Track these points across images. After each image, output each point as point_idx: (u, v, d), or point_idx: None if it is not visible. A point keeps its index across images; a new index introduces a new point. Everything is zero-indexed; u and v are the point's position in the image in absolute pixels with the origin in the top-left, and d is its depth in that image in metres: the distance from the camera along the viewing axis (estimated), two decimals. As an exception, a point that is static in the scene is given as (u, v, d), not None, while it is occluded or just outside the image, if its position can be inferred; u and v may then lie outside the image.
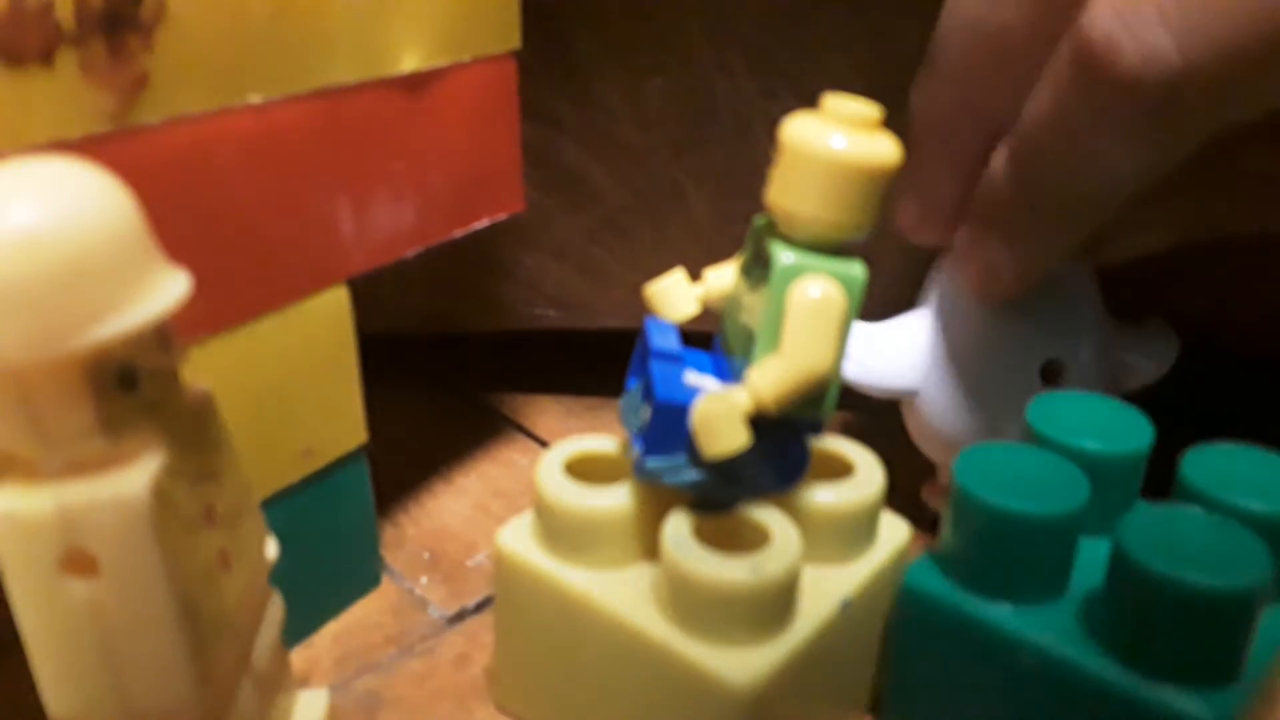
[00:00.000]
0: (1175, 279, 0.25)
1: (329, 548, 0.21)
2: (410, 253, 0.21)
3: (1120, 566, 0.16)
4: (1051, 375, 0.22)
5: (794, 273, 0.16)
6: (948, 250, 0.22)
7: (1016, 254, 0.20)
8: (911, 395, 0.23)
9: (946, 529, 0.18)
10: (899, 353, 0.22)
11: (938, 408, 0.22)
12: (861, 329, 0.23)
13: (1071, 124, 0.18)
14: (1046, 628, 0.16)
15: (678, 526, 0.17)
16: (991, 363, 0.22)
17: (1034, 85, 0.19)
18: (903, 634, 0.18)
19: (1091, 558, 0.17)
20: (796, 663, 0.16)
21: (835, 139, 0.16)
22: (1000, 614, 0.17)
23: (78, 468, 0.12)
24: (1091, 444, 0.18)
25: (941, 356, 0.22)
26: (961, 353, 0.22)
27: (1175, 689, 0.15)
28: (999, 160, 0.20)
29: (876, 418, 0.24)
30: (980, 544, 0.17)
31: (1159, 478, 0.19)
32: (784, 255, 0.17)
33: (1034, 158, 0.19)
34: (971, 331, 0.22)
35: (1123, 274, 0.22)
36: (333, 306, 0.20)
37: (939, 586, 0.17)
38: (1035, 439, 0.19)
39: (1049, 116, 0.18)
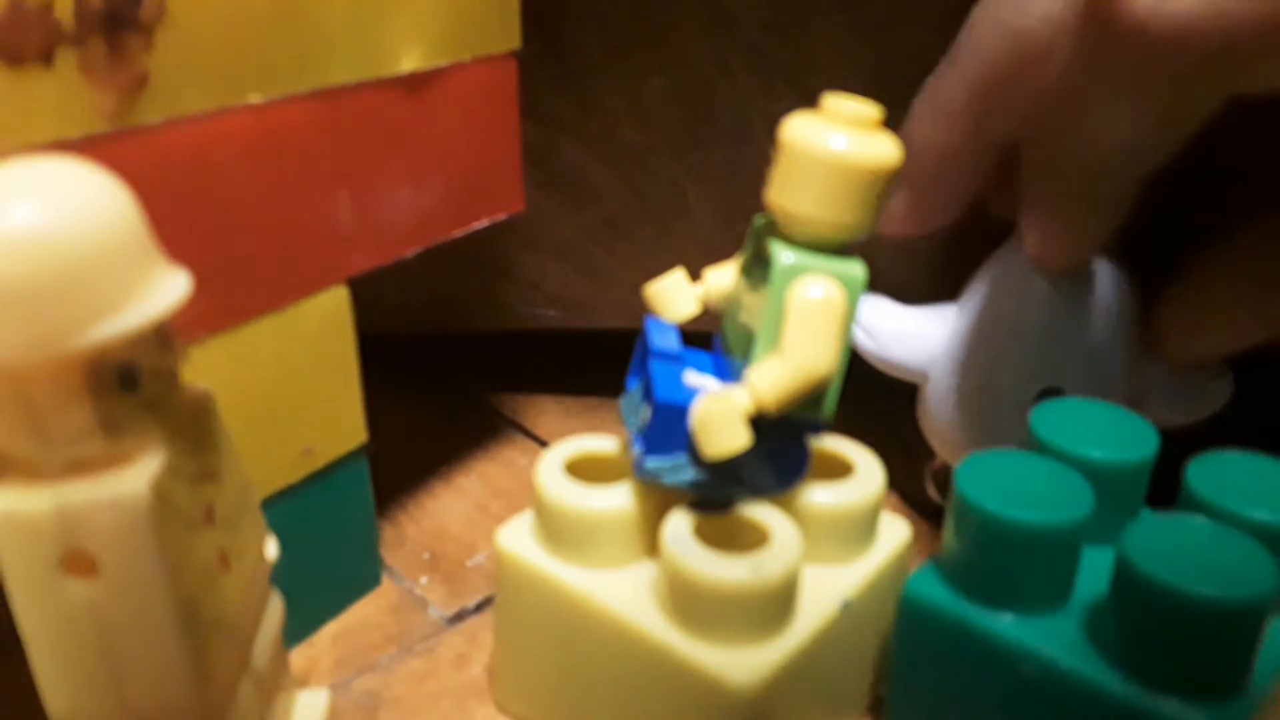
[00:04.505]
0: None
1: (329, 548, 0.21)
2: (410, 253, 0.21)
3: (1124, 577, 0.16)
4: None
5: (794, 273, 0.16)
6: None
7: (1054, 228, 0.20)
8: (916, 377, 0.23)
9: (949, 537, 0.17)
10: (914, 334, 0.23)
11: (938, 400, 0.22)
12: (880, 303, 0.23)
13: (1080, 78, 0.18)
14: (1049, 638, 0.16)
15: (678, 526, 0.17)
16: (993, 375, 0.22)
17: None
18: (904, 643, 0.18)
19: (1095, 567, 0.17)
20: (796, 663, 0.16)
21: (835, 139, 0.16)
22: (1002, 624, 0.17)
23: (78, 468, 0.12)
24: (1096, 452, 0.18)
25: (954, 350, 0.22)
26: (969, 357, 0.22)
27: (1179, 701, 0.15)
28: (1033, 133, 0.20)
29: (876, 417, 0.24)
30: (983, 553, 0.17)
31: (1164, 486, 0.19)
32: (784, 255, 0.17)
33: (1049, 121, 0.19)
34: (983, 341, 0.22)
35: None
36: (333, 306, 0.20)
37: (940, 595, 0.17)
38: (1039, 446, 0.18)
39: (1063, 76, 0.18)
